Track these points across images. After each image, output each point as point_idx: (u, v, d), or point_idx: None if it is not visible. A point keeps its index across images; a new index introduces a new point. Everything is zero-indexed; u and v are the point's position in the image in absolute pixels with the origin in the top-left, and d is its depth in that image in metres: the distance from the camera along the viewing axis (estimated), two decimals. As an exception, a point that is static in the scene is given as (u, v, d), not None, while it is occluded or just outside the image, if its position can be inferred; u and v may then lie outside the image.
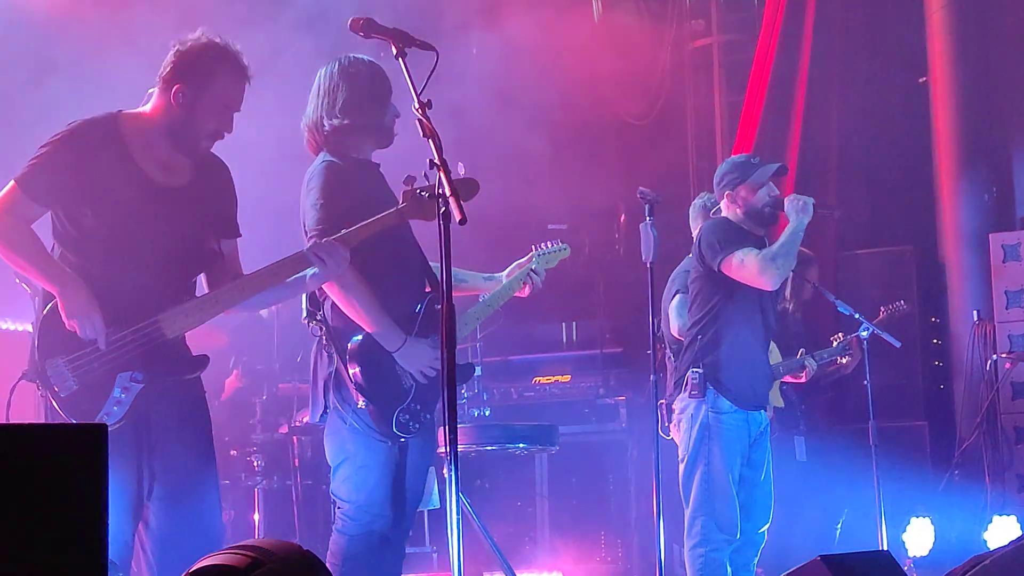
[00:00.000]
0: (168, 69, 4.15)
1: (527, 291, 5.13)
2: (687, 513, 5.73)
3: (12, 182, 4.05)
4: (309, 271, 4.26)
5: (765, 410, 5.89)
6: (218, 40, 4.15)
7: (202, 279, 4.32)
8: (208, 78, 4.12)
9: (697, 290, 5.88)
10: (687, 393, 5.72)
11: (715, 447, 5.65)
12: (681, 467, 5.78)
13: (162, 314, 4.05)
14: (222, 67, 4.14)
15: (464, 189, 3.87)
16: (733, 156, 6.19)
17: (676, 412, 5.86)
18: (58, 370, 3.97)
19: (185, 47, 4.15)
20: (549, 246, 5.30)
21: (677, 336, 6.12)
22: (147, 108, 4.21)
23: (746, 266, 5.64)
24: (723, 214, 5.95)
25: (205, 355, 4.25)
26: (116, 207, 4.07)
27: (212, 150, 4.29)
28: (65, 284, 3.99)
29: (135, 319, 4.03)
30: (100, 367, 3.99)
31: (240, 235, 4.41)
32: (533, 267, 5.15)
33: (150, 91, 4.21)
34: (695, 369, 5.71)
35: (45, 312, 4.03)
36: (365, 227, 4.28)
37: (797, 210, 5.73)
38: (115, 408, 3.99)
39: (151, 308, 4.05)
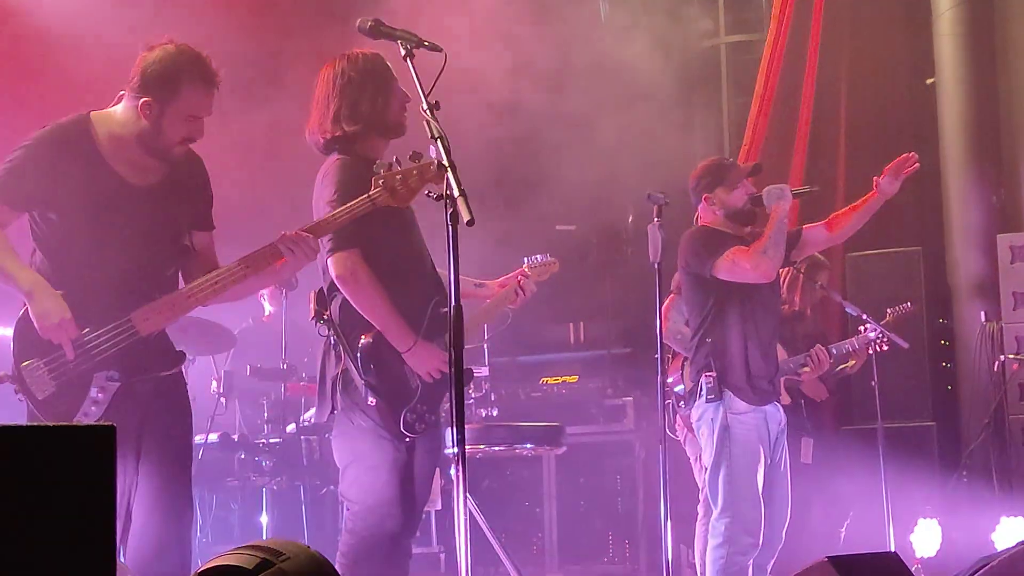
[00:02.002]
0: (135, 80, 4.15)
1: (518, 303, 5.17)
2: (713, 516, 5.73)
3: None
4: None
5: (779, 402, 5.89)
6: (183, 48, 4.15)
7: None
8: (173, 90, 4.11)
9: (690, 299, 5.91)
10: (703, 399, 5.72)
11: (736, 448, 5.65)
12: (706, 473, 5.79)
13: (134, 312, 4.07)
14: (187, 77, 4.12)
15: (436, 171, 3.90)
16: (703, 162, 6.16)
17: (694, 420, 5.85)
18: (35, 372, 3.99)
19: (151, 56, 4.15)
20: (539, 259, 5.34)
21: (665, 341, 6.07)
22: (118, 109, 4.22)
23: (739, 265, 5.67)
24: (702, 220, 5.97)
25: (182, 352, 4.28)
26: (89, 208, 4.10)
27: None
28: (35, 290, 4.02)
29: (110, 318, 4.05)
30: (76, 367, 4.01)
31: (213, 228, 4.43)
32: (524, 279, 5.19)
33: (121, 92, 4.22)
34: (708, 374, 5.71)
35: (21, 315, 4.06)
36: (334, 217, 4.26)
37: (776, 198, 5.76)
38: (92, 408, 4.01)
39: (127, 307, 4.08)
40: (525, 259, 5.36)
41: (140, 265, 4.15)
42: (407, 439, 4.54)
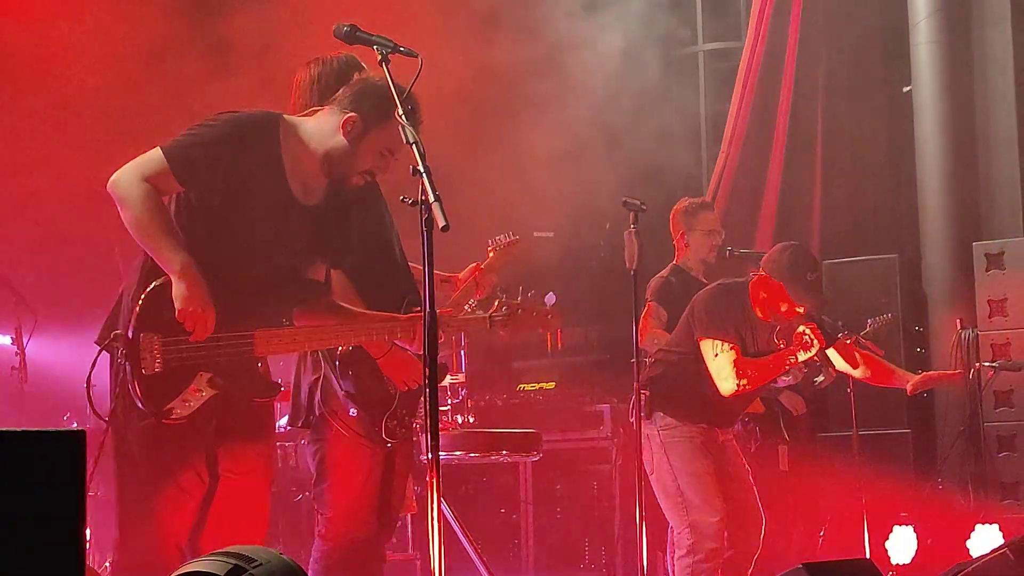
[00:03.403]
0: (348, 95, 4.08)
1: (480, 294, 5.17)
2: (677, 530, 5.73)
3: (158, 150, 3.94)
4: None
5: (719, 429, 5.86)
6: (397, 83, 3.91)
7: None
8: (382, 117, 4.02)
9: (680, 326, 5.91)
10: (637, 414, 5.76)
11: (675, 459, 5.67)
12: (656, 491, 5.78)
13: (259, 331, 4.00)
14: (395, 111, 3.85)
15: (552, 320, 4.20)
16: (800, 249, 5.87)
17: (643, 435, 5.89)
18: (150, 347, 3.87)
19: (368, 79, 4.11)
20: (502, 238, 5.37)
21: (643, 346, 6.07)
22: (309, 122, 4.13)
23: (714, 366, 5.63)
24: (749, 275, 5.91)
25: (278, 384, 4.22)
26: (250, 209, 4.01)
27: None
28: (185, 272, 3.88)
29: (228, 325, 3.96)
30: (188, 359, 3.92)
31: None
32: (479, 274, 5.21)
33: (314, 108, 4.16)
34: (643, 392, 5.73)
35: (154, 286, 3.91)
36: (458, 320, 4.35)
37: (798, 344, 5.67)
38: (184, 403, 3.92)
39: (248, 320, 4.00)
40: (489, 241, 5.37)
41: (275, 284, 4.08)
42: (388, 444, 4.52)
